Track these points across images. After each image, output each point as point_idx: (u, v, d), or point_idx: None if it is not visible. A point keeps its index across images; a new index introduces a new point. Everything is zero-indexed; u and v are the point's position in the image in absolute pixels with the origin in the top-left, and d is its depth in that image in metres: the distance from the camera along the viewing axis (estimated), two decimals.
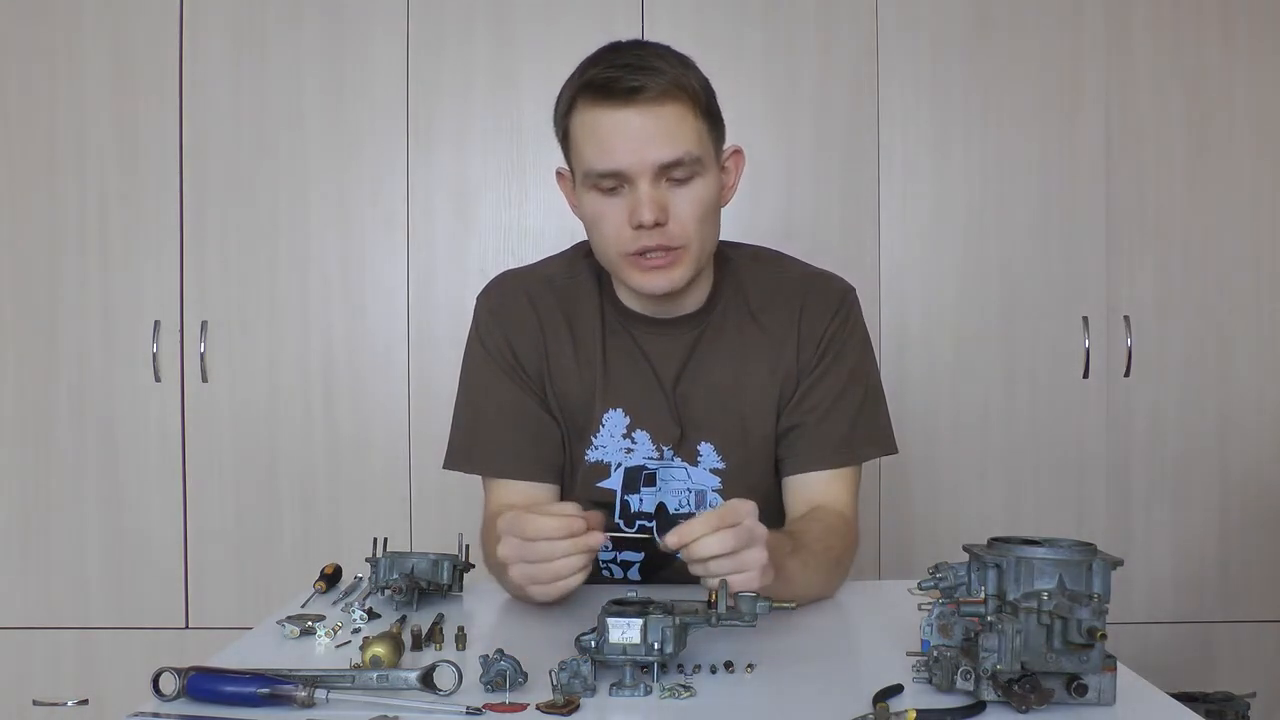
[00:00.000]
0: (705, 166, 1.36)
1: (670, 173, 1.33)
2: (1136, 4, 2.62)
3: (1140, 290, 2.63)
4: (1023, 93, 2.62)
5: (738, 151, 1.45)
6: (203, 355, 2.60)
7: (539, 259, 1.60)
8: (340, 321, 2.62)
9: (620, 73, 1.31)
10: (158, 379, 2.60)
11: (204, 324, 2.61)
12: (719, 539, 1.12)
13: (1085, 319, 2.62)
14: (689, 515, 1.47)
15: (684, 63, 1.36)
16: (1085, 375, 2.62)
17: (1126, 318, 2.62)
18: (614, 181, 1.34)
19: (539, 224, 2.61)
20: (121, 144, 2.60)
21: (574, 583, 1.19)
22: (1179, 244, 2.63)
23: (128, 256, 2.61)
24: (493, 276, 1.56)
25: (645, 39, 1.41)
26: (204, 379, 2.60)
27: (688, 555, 1.14)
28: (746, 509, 1.15)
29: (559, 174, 1.46)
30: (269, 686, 0.96)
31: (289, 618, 1.24)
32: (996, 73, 2.62)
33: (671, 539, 1.13)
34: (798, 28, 2.61)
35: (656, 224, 1.33)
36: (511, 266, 1.59)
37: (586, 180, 1.36)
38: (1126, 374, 2.63)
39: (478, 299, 1.53)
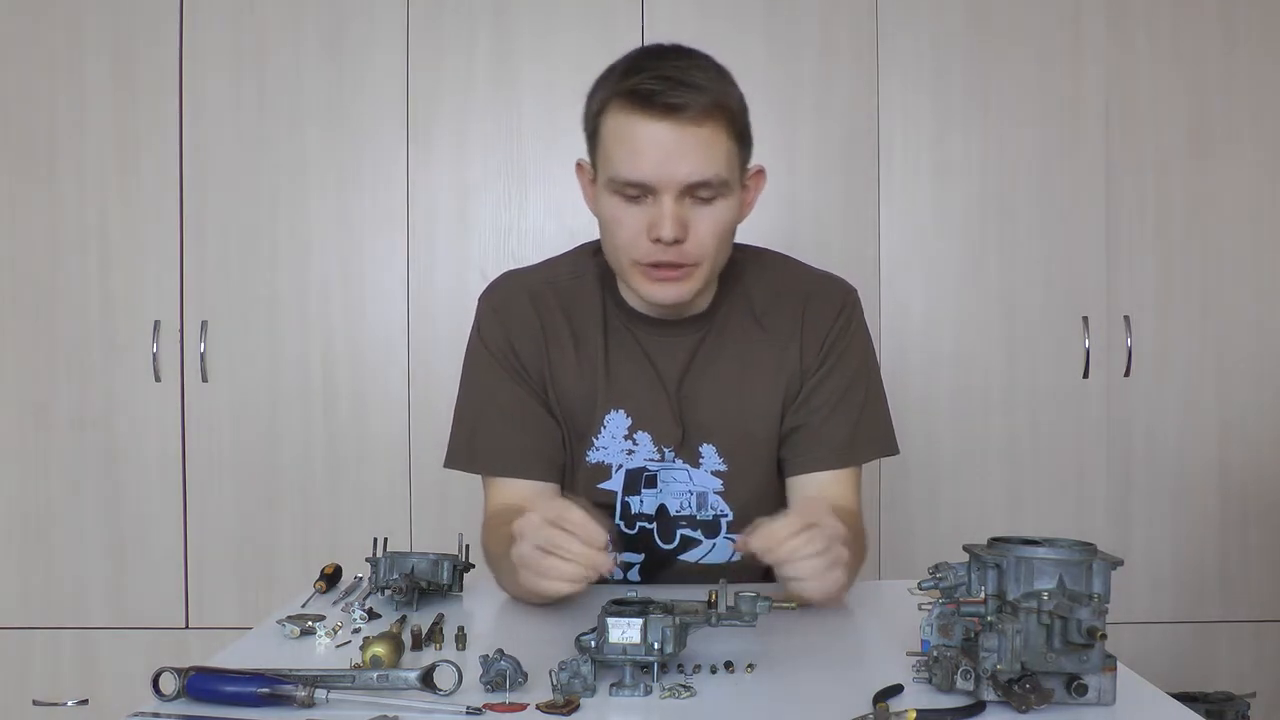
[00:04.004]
0: (730, 189, 1.35)
1: (696, 192, 1.32)
2: (1136, 3, 2.62)
3: (1140, 290, 2.63)
4: (1023, 92, 2.62)
5: (760, 171, 1.44)
6: (203, 355, 2.60)
7: (539, 259, 1.60)
8: (340, 321, 2.62)
9: (663, 86, 1.29)
10: (158, 379, 2.60)
11: (204, 324, 2.61)
12: (807, 539, 1.16)
13: (1085, 319, 2.62)
14: (689, 518, 1.47)
15: (724, 78, 1.35)
16: (1085, 375, 2.62)
17: (1126, 318, 2.63)
18: (638, 191, 1.33)
19: (538, 224, 2.61)
20: (121, 144, 2.60)
21: (563, 589, 1.18)
22: (1179, 244, 2.64)
23: (128, 256, 2.61)
24: (494, 276, 1.56)
25: (684, 46, 1.38)
26: (204, 379, 2.61)
27: (774, 557, 1.16)
28: (823, 508, 1.20)
29: (579, 165, 1.45)
30: (269, 686, 0.96)
31: (289, 618, 1.24)
32: (997, 72, 2.62)
33: (756, 542, 1.14)
34: (798, 28, 2.61)
35: (675, 241, 1.32)
36: (511, 267, 1.59)
37: (610, 184, 1.35)
38: (1126, 374, 2.63)
39: (480, 299, 1.53)
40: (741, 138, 1.36)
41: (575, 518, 1.14)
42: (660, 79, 1.30)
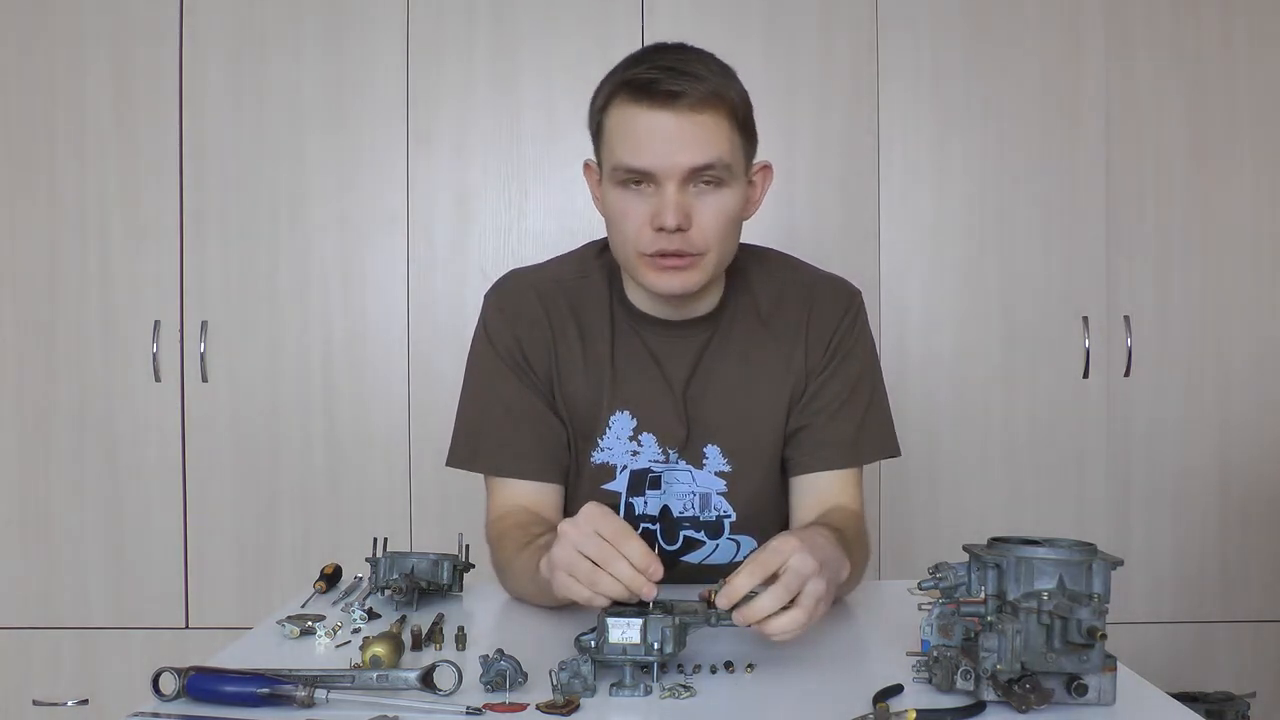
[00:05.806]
0: (734, 176, 1.35)
1: (700, 176, 1.32)
2: (1136, 4, 2.62)
3: (1140, 290, 2.63)
4: (1023, 93, 2.62)
5: (766, 167, 1.44)
6: (203, 355, 2.60)
7: (539, 260, 1.59)
8: (340, 321, 2.62)
9: (662, 75, 1.31)
10: (158, 379, 2.60)
11: (204, 324, 2.61)
12: (771, 598, 1.05)
13: (1085, 319, 2.62)
14: (693, 519, 1.47)
15: (725, 73, 1.36)
16: (1085, 375, 2.62)
17: (1126, 318, 2.63)
18: (640, 179, 1.33)
19: (539, 225, 2.61)
20: (121, 144, 2.60)
21: (599, 603, 1.09)
22: (1179, 244, 2.64)
23: (128, 256, 2.61)
24: (499, 275, 1.54)
25: (688, 44, 1.40)
26: (204, 379, 2.60)
27: (742, 620, 1.05)
28: (789, 546, 1.07)
29: (586, 166, 1.45)
30: (269, 686, 0.96)
31: (289, 618, 1.24)
32: (996, 73, 2.62)
33: (722, 601, 1.06)
34: (798, 28, 2.61)
35: (678, 229, 1.32)
36: (512, 267, 1.58)
37: (614, 175, 1.35)
38: (1126, 374, 2.63)
39: (486, 297, 1.52)
40: (744, 130, 1.37)
41: (637, 551, 1.07)
42: (660, 69, 1.31)
